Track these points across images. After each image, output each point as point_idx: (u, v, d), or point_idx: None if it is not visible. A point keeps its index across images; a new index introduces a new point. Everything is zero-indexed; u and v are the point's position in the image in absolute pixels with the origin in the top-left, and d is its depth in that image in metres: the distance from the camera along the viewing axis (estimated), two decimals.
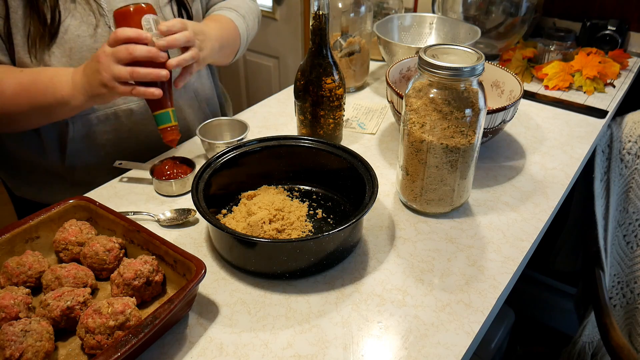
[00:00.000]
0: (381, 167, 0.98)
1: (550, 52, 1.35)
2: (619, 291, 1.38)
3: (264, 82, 2.47)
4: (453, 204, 0.84)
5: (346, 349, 0.64)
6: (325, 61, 0.92)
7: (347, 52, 1.20)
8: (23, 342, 0.58)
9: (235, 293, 0.72)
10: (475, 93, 0.75)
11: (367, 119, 1.15)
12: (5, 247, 0.72)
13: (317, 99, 0.93)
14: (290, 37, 2.22)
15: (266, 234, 0.76)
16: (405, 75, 1.09)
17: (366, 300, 0.70)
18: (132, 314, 0.61)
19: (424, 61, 0.74)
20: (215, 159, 0.82)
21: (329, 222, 0.83)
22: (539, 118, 1.15)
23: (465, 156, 0.79)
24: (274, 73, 2.40)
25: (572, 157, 1.01)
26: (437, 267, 0.76)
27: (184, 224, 0.84)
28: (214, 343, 0.65)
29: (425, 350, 0.64)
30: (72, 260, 0.73)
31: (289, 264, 0.71)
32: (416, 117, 0.78)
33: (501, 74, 1.04)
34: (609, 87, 1.28)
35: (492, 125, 0.91)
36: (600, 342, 1.32)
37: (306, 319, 0.68)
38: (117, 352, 0.55)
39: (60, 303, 0.63)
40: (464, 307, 0.69)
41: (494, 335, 1.42)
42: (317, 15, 0.88)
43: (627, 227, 1.34)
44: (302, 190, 0.90)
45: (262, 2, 2.24)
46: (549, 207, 0.88)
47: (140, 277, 0.66)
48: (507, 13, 1.33)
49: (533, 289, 1.79)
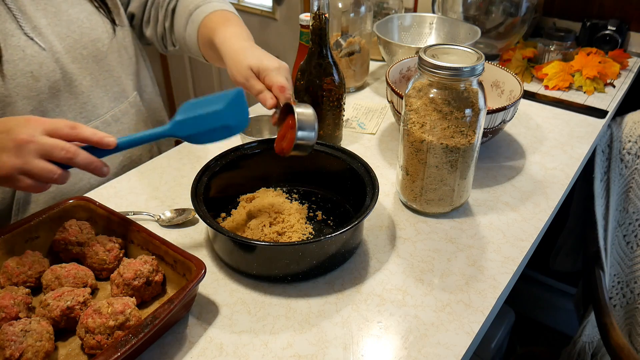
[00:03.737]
0: (381, 167, 0.98)
1: (550, 52, 1.35)
2: (619, 291, 1.38)
3: None
4: (453, 204, 0.84)
5: (346, 349, 0.64)
6: (325, 61, 0.92)
7: (347, 52, 1.20)
8: (23, 342, 0.58)
9: (235, 293, 0.72)
10: (475, 93, 0.75)
11: (367, 119, 1.15)
12: (5, 247, 0.72)
13: (317, 99, 0.93)
14: (290, 37, 2.21)
15: (267, 237, 0.76)
16: (405, 75, 1.09)
17: (366, 300, 0.70)
18: (132, 314, 0.61)
19: (424, 61, 0.74)
20: (214, 162, 0.82)
21: (329, 224, 0.83)
22: (539, 118, 1.15)
23: (465, 156, 0.79)
24: None
25: (572, 157, 1.01)
26: (437, 267, 0.76)
27: (184, 224, 0.84)
28: (214, 343, 0.65)
29: (425, 350, 0.64)
30: (72, 260, 0.73)
31: (291, 267, 0.71)
32: (416, 117, 0.78)
33: (501, 74, 1.04)
34: (609, 87, 1.28)
35: (492, 125, 0.91)
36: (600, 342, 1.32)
37: (306, 319, 0.68)
38: (117, 352, 0.55)
39: (60, 303, 0.63)
40: (464, 307, 0.69)
41: (494, 335, 1.42)
42: (317, 15, 0.88)
43: (627, 227, 1.34)
44: (301, 192, 0.90)
45: (262, 2, 2.24)
46: (549, 207, 0.88)
47: (140, 277, 0.66)
48: (507, 13, 1.33)
49: (533, 289, 1.79)
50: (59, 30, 0.89)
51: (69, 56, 0.90)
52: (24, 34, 0.84)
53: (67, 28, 0.90)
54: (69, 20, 0.91)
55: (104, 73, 0.97)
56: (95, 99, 0.96)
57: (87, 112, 0.95)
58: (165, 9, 1.04)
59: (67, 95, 0.91)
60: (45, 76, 0.86)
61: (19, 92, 0.83)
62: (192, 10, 1.00)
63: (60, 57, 0.88)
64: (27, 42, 0.84)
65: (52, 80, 0.87)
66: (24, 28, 0.84)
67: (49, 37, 0.87)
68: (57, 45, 0.88)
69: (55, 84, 0.88)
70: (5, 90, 0.82)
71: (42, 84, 0.86)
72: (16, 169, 0.62)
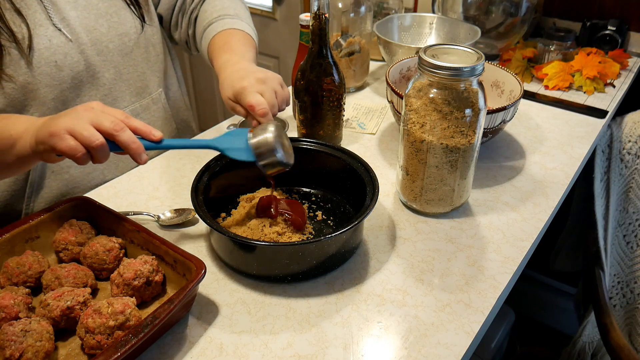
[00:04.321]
0: (381, 167, 0.98)
1: (550, 52, 1.35)
2: (619, 291, 1.38)
3: None
4: (453, 204, 0.84)
5: (346, 349, 0.64)
6: (325, 61, 0.92)
7: (347, 52, 1.20)
8: (23, 342, 0.58)
9: (235, 293, 0.72)
10: (475, 93, 0.75)
11: (367, 119, 1.15)
12: (5, 247, 0.72)
13: (317, 99, 0.93)
14: (290, 37, 2.21)
15: (267, 237, 0.76)
16: (405, 75, 1.09)
17: (366, 300, 0.70)
18: (132, 314, 0.61)
19: (424, 61, 0.74)
20: (214, 162, 0.82)
21: (329, 224, 0.83)
22: (539, 118, 1.15)
23: (465, 156, 0.79)
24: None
25: (572, 157, 1.01)
26: (437, 267, 0.76)
27: (184, 224, 0.84)
28: (214, 343, 0.65)
29: (425, 350, 0.64)
30: (72, 260, 0.73)
31: (291, 267, 0.71)
32: (416, 117, 0.78)
33: (501, 74, 1.04)
34: (609, 87, 1.28)
35: (492, 125, 0.91)
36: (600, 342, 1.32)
37: (306, 319, 0.68)
38: (117, 352, 0.55)
39: (60, 303, 0.63)
40: (464, 307, 0.69)
41: (494, 335, 1.43)
42: (317, 15, 0.88)
43: (627, 227, 1.34)
44: (301, 192, 0.90)
45: (262, 2, 2.24)
46: (549, 207, 0.88)
47: (140, 277, 0.66)
48: (507, 13, 1.33)
49: (533, 289, 1.79)
50: (87, 23, 0.91)
51: (94, 48, 0.92)
52: (52, 24, 0.87)
53: (95, 21, 0.93)
54: (97, 13, 0.93)
55: (128, 67, 0.99)
56: (116, 91, 0.98)
57: (108, 104, 0.96)
58: (189, 18, 1.07)
59: (89, 86, 0.94)
60: (69, 66, 0.89)
61: (42, 80, 0.86)
62: (205, 27, 1.02)
63: (85, 48, 0.91)
64: (55, 32, 0.87)
65: (76, 71, 0.90)
66: (52, 19, 0.87)
67: (76, 28, 0.90)
68: (84, 37, 0.90)
69: (78, 75, 0.91)
70: (31, 77, 0.85)
71: (65, 73, 0.88)
72: (66, 127, 0.65)
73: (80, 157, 0.66)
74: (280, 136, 0.74)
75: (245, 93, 0.78)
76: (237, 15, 1.03)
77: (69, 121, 0.66)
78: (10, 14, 0.82)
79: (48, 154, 0.68)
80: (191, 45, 1.10)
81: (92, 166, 0.96)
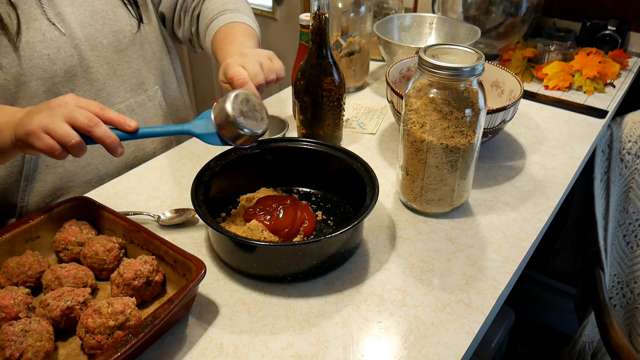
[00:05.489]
0: (381, 167, 0.98)
1: (550, 52, 1.35)
2: (619, 291, 1.38)
3: None
4: (453, 204, 0.84)
5: (346, 349, 0.64)
6: (325, 61, 0.92)
7: (347, 52, 1.20)
8: (23, 342, 0.58)
9: (235, 293, 0.72)
10: (475, 93, 0.75)
11: (367, 119, 1.15)
12: (5, 247, 0.72)
13: (317, 99, 0.93)
14: (290, 37, 2.21)
15: (267, 238, 0.76)
16: (405, 75, 1.09)
17: (366, 300, 0.70)
18: (132, 314, 0.61)
19: (424, 61, 0.74)
20: (214, 162, 0.82)
21: (329, 224, 0.83)
22: (539, 118, 1.15)
23: (465, 156, 0.79)
24: None
25: (572, 157, 1.01)
26: (437, 267, 0.76)
27: (184, 224, 0.84)
28: (214, 343, 0.65)
29: (425, 350, 0.64)
30: (72, 260, 0.73)
31: (291, 267, 0.71)
32: (416, 117, 0.78)
33: (501, 74, 1.04)
34: (609, 87, 1.28)
35: (492, 125, 0.91)
36: (600, 342, 1.32)
37: (306, 319, 0.68)
38: (117, 352, 0.55)
39: (60, 303, 0.63)
40: (464, 307, 0.69)
41: (494, 335, 1.42)
42: (317, 15, 0.88)
43: (627, 227, 1.34)
44: (301, 192, 0.90)
45: (262, 2, 2.24)
46: (549, 207, 0.88)
47: (140, 277, 0.66)
48: (507, 13, 1.33)
49: (533, 289, 1.79)
50: (82, 19, 0.92)
51: (88, 44, 0.93)
52: (47, 19, 0.88)
53: (90, 17, 0.93)
54: (93, 10, 0.94)
55: (123, 64, 1.00)
56: (110, 87, 0.99)
57: (101, 99, 0.98)
58: (191, 15, 1.08)
59: (83, 81, 0.94)
60: (61, 60, 0.89)
61: (33, 73, 0.87)
62: (208, 24, 1.03)
63: (79, 43, 0.92)
64: (49, 27, 0.88)
65: (69, 65, 0.91)
66: (47, 14, 0.88)
67: (71, 24, 0.90)
68: (78, 32, 0.91)
69: (72, 69, 0.91)
70: (20, 69, 0.85)
71: (57, 67, 0.89)
72: (42, 126, 0.65)
73: (59, 155, 0.66)
74: (244, 103, 0.70)
75: (227, 68, 0.79)
76: (237, 10, 1.04)
77: (44, 119, 0.66)
78: (4, 7, 0.84)
79: (28, 149, 0.69)
80: (195, 42, 1.11)
81: (86, 160, 0.98)
